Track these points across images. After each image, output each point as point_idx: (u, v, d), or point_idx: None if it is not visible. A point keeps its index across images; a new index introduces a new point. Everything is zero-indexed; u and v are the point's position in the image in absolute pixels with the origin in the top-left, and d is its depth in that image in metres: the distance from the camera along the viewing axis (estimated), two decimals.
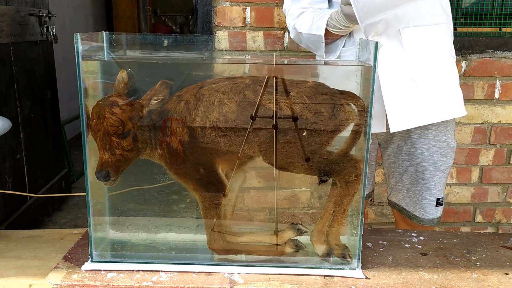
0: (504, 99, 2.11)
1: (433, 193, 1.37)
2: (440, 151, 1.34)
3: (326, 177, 0.95)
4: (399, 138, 1.37)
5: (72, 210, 2.89)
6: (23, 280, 1.03)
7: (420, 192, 1.37)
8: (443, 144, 1.34)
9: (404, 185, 1.41)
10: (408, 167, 1.38)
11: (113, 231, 1.10)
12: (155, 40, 1.03)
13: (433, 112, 1.28)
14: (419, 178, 1.36)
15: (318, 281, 0.94)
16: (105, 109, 0.91)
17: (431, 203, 1.37)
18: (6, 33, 2.20)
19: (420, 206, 1.39)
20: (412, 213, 1.41)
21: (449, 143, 1.36)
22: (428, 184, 1.36)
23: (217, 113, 0.93)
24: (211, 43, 1.49)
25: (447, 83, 1.30)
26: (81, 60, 0.90)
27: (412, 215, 1.41)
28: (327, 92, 0.94)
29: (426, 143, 1.34)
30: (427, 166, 1.35)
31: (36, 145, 2.56)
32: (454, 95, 1.32)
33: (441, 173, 1.36)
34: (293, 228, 1.02)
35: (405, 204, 1.43)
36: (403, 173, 1.39)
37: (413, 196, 1.40)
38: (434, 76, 1.27)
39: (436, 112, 1.28)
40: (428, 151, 1.34)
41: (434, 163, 1.34)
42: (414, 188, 1.38)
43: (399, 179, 1.42)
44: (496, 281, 0.96)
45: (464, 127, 2.14)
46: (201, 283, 0.93)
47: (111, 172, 0.94)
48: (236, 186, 1.04)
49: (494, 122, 2.13)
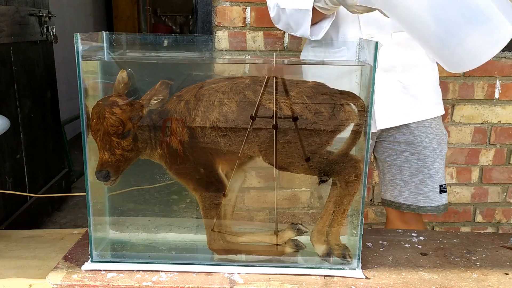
0: (504, 99, 2.11)
1: (435, 179, 1.40)
2: (437, 138, 1.40)
3: (326, 177, 0.95)
4: (396, 130, 1.40)
5: (72, 210, 2.89)
6: (23, 280, 1.03)
7: (422, 181, 1.40)
8: (438, 131, 1.41)
9: (402, 178, 1.43)
10: (408, 157, 1.40)
11: (113, 231, 1.10)
12: (155, 40, 1.03)
13: (417, 111, 1.38)
14: (421, 166, 1.40)
15: (318, 281, 0.94)
16: (105, 109, 0.91)
17: (435, 190, 1.40)
18: (6, 33, 2.20)
19: (424, 195, 1.41)
20: (415, 204, 1.42)
21: (442, 130, 1.43)
22: (431, 171, 1.39)
23: (217, 113, 0.93)
24: (211, 43, 1.49)
25: (430, 84, 1.40)
26: (81, 60, 0.90)
27: (416, 207, 1.42)
28: (327, 92, 0.94)
29: (424, 131, 1.39)
30: (427, 153, 1.39)
31: (36, 145, 2.56)
32: (436, 95, 1.42)
33: (440, 159, 1.41)
34: (293, 228, 1.02)
35: (403, 199, 1.43)
36: (402, 165, 1.42)
37: (413, 187, 1.41)
38: (419, 78, 1.37)
39: (420, 111, 1.38)
40: (426, 138, 1.39)
41: (433, 149, 1.39)
42: (415, 179, 1.41)
43: (396, 173, 1.43)
44: (496, 281, 0.96)
45: (464, 127, 2.14)
46: (201, 283, 0.93)
47: (111, 172, 0.94)
48: (236, 186, 1.04)
49: (494, 122, 2.13)
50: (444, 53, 0.94)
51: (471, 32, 0.88)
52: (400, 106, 1.36)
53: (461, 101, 2.11)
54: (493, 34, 0.88)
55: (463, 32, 0.89)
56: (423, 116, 1.38)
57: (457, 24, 0.89)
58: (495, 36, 0.88)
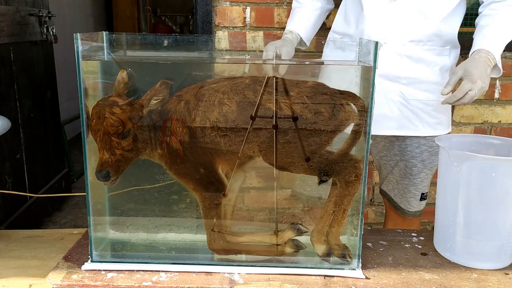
0: (504, 99, 2.11)
1: (418, 188, 1.42)
2: (429, 150, 1.38)
3: (326, 177, 0.95)
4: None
5: (72, 210, 2.89)
6: (23, 280, 1.03)
7: (407, 187, 1.43)
8: (433, 143, 1.37)
9: (394, 177, 1.46)
10: (399, 162, 1.42)
11: (113, 231, 1.10)
12: (155, 40, 1.03)
13: (412, 127, 1.34)
14: (407, 173, 1.41)
15: (318, 281, 0.94)
16: (105, 109, 0.91)
17: (416, 197, 1.43)
18: (6, 33, 2.20)
19: (405, 199, 1.44)
20: (398, 204, 1.47)
21: None
22: (415, 180, 1.41)
23: (217, 113, 0.93)
24: (211, 43, 1.49)
25: (435, 103, 1.33)
26: (81, 60, 0.90)
27: (398, 206, 1.47)
28: (327, 92, 0.94)
29: (417, 141, 1.38)
30: (415, 163, 1.39)
31: (36, 145, 2.56)
32: (440, 115, 1.36)
33: (428, 170, 1.40)
34: (293, 228, 1.02)
35: (393, 195, 1.48)
36: (394, 167, 1.44)
37: (401, 188, 1.45)
38: (423, 95, 1.31)
39: (415, 127, 1.34)
40: (417, 149, 1.38)
41: (422, 160, 1.39)
42: (403, 182, 1.44)
43: (390, 171, 1.46)
44: (496, 281, 0.96)
45: (464, 127, 2.14)
46: (201, 283, 0.93)
47: (111, 172, 0.94)
48: (236, 186, 1.04)
49: (494, 122, 2.13)
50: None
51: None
52: (396, 118, 1.32)
53: None
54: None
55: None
56: (417, 132, 1.34)
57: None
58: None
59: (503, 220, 0.98)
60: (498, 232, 0.98)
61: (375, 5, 1.26)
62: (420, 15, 1.24)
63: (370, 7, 1.27)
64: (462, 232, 1.00)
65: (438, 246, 1.08)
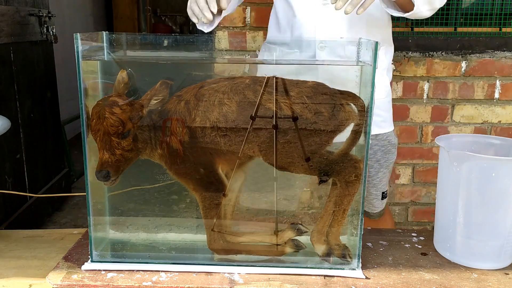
0: (504, 99, 2.11)
1: (379, 188, 1.43)
2: (382, 149, 1.40)
3: (326, 177, 0.95)
4: None
5: (72, 210, 2.89)
6: (23, 280, 1.03)
7: (367, 189, 1.43)
8: (385, 142, 1.40)
9: None
10: None
11: (113, 231, 1.10)
12: (155, 40, 1.03)
13: None
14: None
15: (318, 281, 0.94)
16: (105, 109, 0.91)
17: (378, 197, 1.45)
18: (6, 33, 2.20)
19: (368, 201, 1.45)
20: None
21: (390, 140, 1.42)
22: (374, 181, 1.42)
23: (217, 113, 0.93)
24: (211, 43, 1.49)
25: (377, 101, 1.32)
26: (81, 60, 0.90)
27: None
28: (327, 92, 0.94)
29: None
30: (371, 164, 1.40)
31: (36, 145, 2.56)
32: (384, 113, 1.39)
33: (384, 169, 1.42)
34: (293, 228, 1.02)
35: None
36: None
37: None
38: None
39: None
40: (370, 150, 1.39)
41: (377, 160, 1.40)
42: None
43: None
44: (496, 281, 0.96)
45: (464, 127, 2.14)
46: (201, 283, 0.93)
47: (111, 172, 0.94)
48: (236, 186, 1.04)
49: (494, 122, 2.13)
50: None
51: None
52: None
53: (461, 101, 2.11)
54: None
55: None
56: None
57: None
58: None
59: (503, 220, 0.98)
60: (498, 232, 0.98)
61: (308, 9, 1.26)
62: (352, 17, 1.23)
63: (303, 12, 1.27)
64: (462, 232, 1.00)
65: (438, 246, 1.08)
